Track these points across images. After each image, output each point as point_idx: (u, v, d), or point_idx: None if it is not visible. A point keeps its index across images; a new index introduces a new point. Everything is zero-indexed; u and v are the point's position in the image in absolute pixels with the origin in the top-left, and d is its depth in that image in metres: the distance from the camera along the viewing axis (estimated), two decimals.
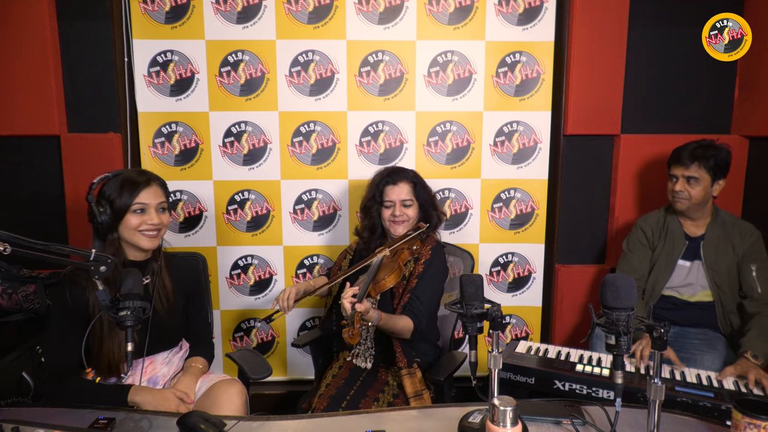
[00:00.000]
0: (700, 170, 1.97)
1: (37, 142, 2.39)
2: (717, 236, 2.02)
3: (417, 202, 1.98)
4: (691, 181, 1.98)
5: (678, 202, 2.03)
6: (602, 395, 1.56)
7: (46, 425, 1.18)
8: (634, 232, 2.20)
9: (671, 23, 2.43)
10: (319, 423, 1.29)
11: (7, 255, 1.07)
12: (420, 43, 2.44)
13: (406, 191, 1.96)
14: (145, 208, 1.55)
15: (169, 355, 1.68)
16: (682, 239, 2.07)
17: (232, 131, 2.47)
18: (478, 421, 1.18)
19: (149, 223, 1.55)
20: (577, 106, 2.43)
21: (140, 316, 1.21)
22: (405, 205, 1.95)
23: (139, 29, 2.38)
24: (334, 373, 1.88)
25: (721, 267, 2.00)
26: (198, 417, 1.20)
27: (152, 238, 1.57)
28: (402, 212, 1.95)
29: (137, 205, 1.53)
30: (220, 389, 1.57)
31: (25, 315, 2.10)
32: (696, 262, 2.05)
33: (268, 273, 2.59)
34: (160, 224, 1.58)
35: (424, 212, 2.00)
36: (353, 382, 1.80)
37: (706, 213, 2.06)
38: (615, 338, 1.06)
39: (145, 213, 1.55)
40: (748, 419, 1.02)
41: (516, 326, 2.70)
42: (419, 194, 1.99)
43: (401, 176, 1.98)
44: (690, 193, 1.98)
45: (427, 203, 2.00)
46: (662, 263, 2.08)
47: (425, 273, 1.90)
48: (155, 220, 1.56)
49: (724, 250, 2.00)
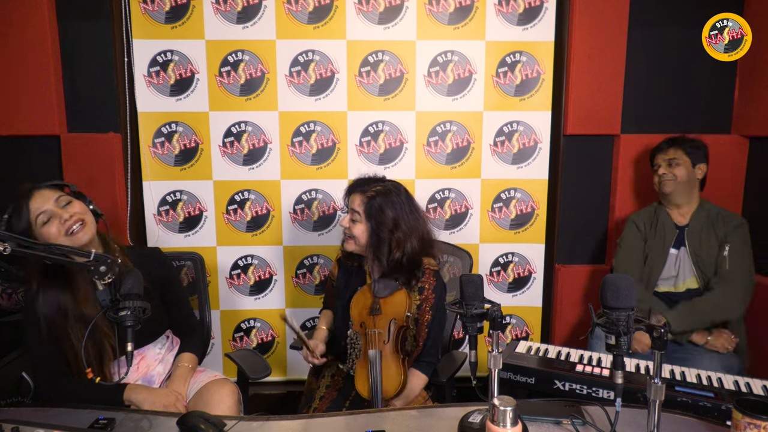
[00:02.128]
0: (678, 151, 2.10)
1: (37, 142, 2.39)
2: (701, 224, 2.10)
3: (368, 223, 1.64)
4: (672, 163, 2.10)
5: (664, 185, 2.11)
6: (602, 395, 1.56)
7: (46, 425, 1.17)
8: (627, 227, 2.26)
9: (671, 23, 2.43)
10: (319, 423, 1.29)
11: (7, 255, 1.07)
12: (420, 43, 2.44)
13: (357, 203, 1.66)
14: (47, 213, 1.43)
15: (161, 351, 1.66)
16: (672, 228, 2.14)
17: (232, 131, 2.47)
18: (478, 421, 1.18)
19: (61, 222, 1.44)
20: (577, 106, 2.43)
21: (140, 316, 1.21)
22: (352, 219, 1.68)
23: (139, 29, 2.38)
24: (327, 383, 1.77)
25: (704, 254, 2.07)
26: (198, 417, 1.20)
27: (78, 231, 1.45)
28: (347, 224, 1.68)
29: (39, 216, 1.42)
30: (211, 390, 1.56)
31: None
32: (682, 249, 2.12)
33: (268, 273, 2.59)
34: (75, 215, 1.46)
35: (376, 237, 1.64)
36: (348, 392, 1.71)
37: (692, 201, 2.14)
38: (615, 338, 1.06)
39: (52, 219, 1.44)
40: (748, 419, 1.02)
41: (516, 326, 2.70)
42: (372, 215, 1.63)
43: (360, 187, 1.70)
44: (674, 173, 2.08)
45: (381, 226, 1.63)
46: (655, 253, 2.14)
47: (437, 304, 1.69)
48: (64, 215, 1.44)
49: (708, 236, 2.08)
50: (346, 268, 1.84)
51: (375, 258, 1.67)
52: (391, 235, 1.64)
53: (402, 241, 1.65)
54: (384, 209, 1.63)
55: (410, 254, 1.66)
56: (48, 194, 1.46)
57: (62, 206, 1.46)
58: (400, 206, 1.67)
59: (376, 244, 1.65)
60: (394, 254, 1.65)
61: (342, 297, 1.81)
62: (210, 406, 1.51)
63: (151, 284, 1.62)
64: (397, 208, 1.66)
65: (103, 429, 1.20)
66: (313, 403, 1.70)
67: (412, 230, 1.68)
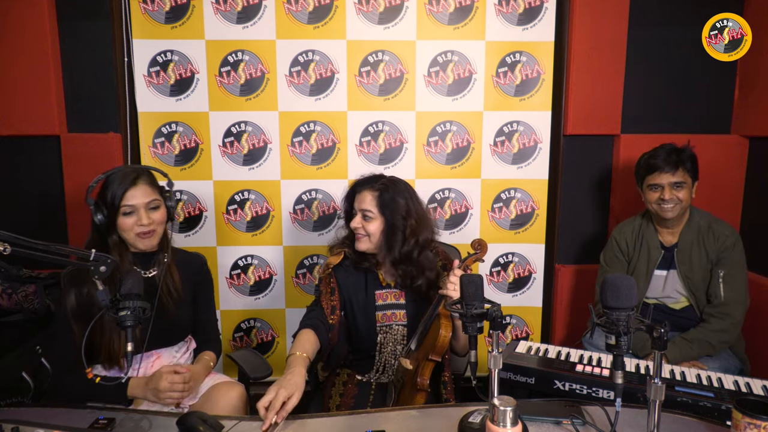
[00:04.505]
0: (685, 175, 1.94)
1: (37, 142, 2.39)
2: (691, 242, 1.98)
3: (382, 217, 1.65)
4: (677, 186, 1.93)
5: (666, 212, 1.95)
6: (602, 395, 1.56)
7: (46, 425, 1.17)
8: (609, 244, 2.17)
9: (671, 23, 2.43)
10: (319, 423, 1.29)
11: (7, 255, 1.07)
12: (420, 43, 2.44)
13: (368, 201, 1.66)
14: (133, 209, 1.52)
15: (176, 354, 1.67)
16: (657, 249, 2.04)
17: (232, 131, 2.47)
18: (478, 421, 1.18)
19: (140, 224, 1.52)
20: (577, 106, 2.43)
21: (140, 316, 1.21)
22: (365, 217, 1.66)
23: (139, 29, 2.38)
24: (339, 391, 1.72)
25: (695, 275, 1.97)
26: (197, 418, 1.20)
27: (147, 238, 1.55)
28: (360, 224, 1.66)
29: (124, 207, 1.50)
30: (220, 391, 1.57)
31: (25, 315, 2.11)
32: (672, 272, 2.02)
33: (268, 273, 2.59)
34: (151, 224, 1.54)
35: (390, 226, 1.65)
36: (365, 397, 1.68)
37: (684, 218, 2.02)
38: (615, 338, 1.06)
39: (134, 215, 1.52)
40: (748, 419, 1.02)
41: (516, 326, 2.70)
42: (386, 207, 1.65)
43: (368, 184, 1.69)
44: (679, 198, 1.93)
45: (395, 215, 1.64)
46: (639, 274, 2.05)
47: None
48: (144, 220, 1.52)
49: (699, 256, 1.97)
50: (350, 272, 1.77)
51: (387, 247, 1.65)
52: (405, 222, 1.64)
53: (415, 228, 1.66)
54: (396, 198, 1.65)
55: (422, 245, 1.66)
56: (146, 191, 1.54)
57: (149, 209, 1.54)
58: (408, 194, 1.69)
59: (391, 233, 1.64)
60: (409, 242, 1.65)
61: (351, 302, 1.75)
62: (218, 407, 1.51)
63: (188, 286, 1.67)
64: (406, 196, 1.68)
65: (103, 429, 1.20)
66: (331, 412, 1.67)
67: (423, 218, 1.69)
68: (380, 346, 1.73)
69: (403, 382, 1.62)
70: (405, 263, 1.67)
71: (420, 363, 1.57)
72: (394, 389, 1.65)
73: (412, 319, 1.73)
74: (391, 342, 1.73)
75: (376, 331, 1.73)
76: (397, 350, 1.73)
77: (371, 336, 1.73)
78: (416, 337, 1.63)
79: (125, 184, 1.51)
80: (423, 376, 1.55)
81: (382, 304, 1.74)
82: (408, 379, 1.60)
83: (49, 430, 1.16)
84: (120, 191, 1.50)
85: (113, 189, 1.50)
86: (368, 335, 1.74)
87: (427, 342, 1.59)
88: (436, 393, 1.67)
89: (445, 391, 1.67)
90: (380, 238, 1.66)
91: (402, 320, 1.74)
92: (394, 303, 1.74)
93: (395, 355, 1.73)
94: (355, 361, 1.80)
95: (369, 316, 1.73)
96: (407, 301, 1.74)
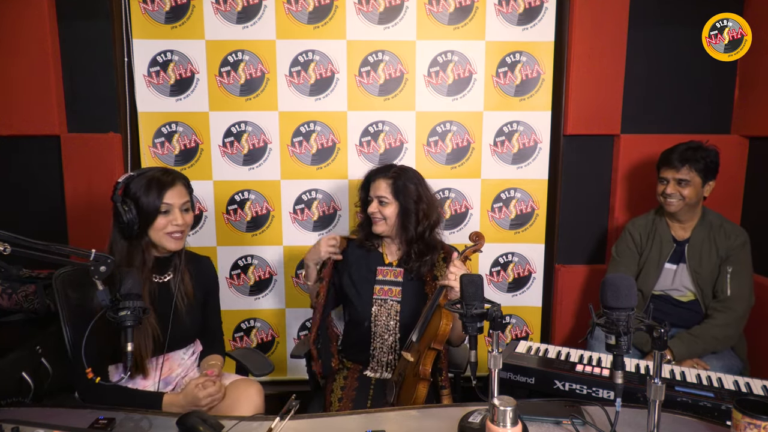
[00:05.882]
0: (691, 172, 1.96)
1: (37, 142, 2.39)
2: (702, 239, 2.02)
3: (397, 201, 1.83)
4: (682, 183, 1.97)
5: (669, 205, 2.01)
6: (602, 395, 1.56)
7: (46, 425, 1.17)
8: (623, 236, 2.20)
9: (671, 23, 2.43)
10: (318, 423, 1.29)
11: (7, 255, 1.07)
12: (420, 43, 2.44)
13: (383, 188, 1.84)
14: (170, 209, 1.53)
15: (185, 355, 1.68)
16: (669, 242, 2.07)
17: (232, 131, 2.47)
18: (478, 421, 1.18)
19: (174, 224, 1.53)
20: (577, 106, 2.43)
21: (140, 316, 1.21)
22: (381, 202, 1.84)
23: (139, 29, 2.37)
24: (341, 384, 1.82)
25: (704, 270, 2.00)
26: (197, 418, 1.20)
27: (177, 239, 1.56)
28: (376, 209, 1.84)
29: (163, 206, 1.51)
30: (239, 389, 1.58)
31: (25, 315, 2.11)
32: (681, 265, 2.05)
33: (268, 273, 2.59)
34: (184, 225, 1.56)
35: (404, 210, 1.83)
36: (366, 391, 1.77)
37: (695, 215, 2.06)
38: (615, 338, 1.06)
39: (169, 214, 1.53)
40: (748, 419, 1.02)
41: (516, 326, 2.70)
42: (399, 192, 1.83)
43: (382, 173, 1.87)
44: (682, 194, 1.97)
45: (408, 200, 1.82)
46: (650, 267, 2.08)
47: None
48: (179, 220, 1.54)
49: (709, 252, 2.01)
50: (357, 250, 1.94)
51: (403, 228, 1.83)
52: (417, 206, 1.83)
53: (427, 212, 1.84)
54: (407, 185, 1.84)
55: (432, 226, 1.85)
56: (182, 192, 1.57)
57: (183, 210, 1.57)
58: (417, 180, 1.87)
59: (405, 216, 1.82)
60: (423, 224, 1.83)
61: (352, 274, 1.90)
62: (239, 405, 1.52)
63: (199, 289, 1.69)
64: (416, 182, 1.86)
65: (103, 429, 1.21)
66: (332, 407, 1.73)
67: (432, 202, 1.88)
68: (375, 317, 1.85)
69: (404, 377, 1.68)
70: (418, 242, 1.84)
71: (422, 353, 1.66)
72: (396, 385, 1.69)
73: (406, 296, 1.86)
74: (384, 315, 1.85)
75: (371, 302, 1.86)
76: (389, 325, 1.85)
77: (367, 307, 1.86)
78: (418, 329, 1.71)
79: (167, 183, 1.52)
80: (425, 365, 1.64)
81: (382, 279, 1.89)
82: (410, 371, 1.67)
83: (49, 430, 1.16)
84: (162, 189, 1.51)
85: (155, 187, 1.50)
86: (365, 305, 1.87)
87: (428, 332, 1.67)
88: (433, 381, 1.74)
89: (441, 378, 1.75)
90: (396, 221, 1.84)
91: (396, 296, 1.87)
92: (392, 280, 1.89)
93: (388, 330, 1.84)
94: (350, 347, 1.92)
95: (368, 287, 1.88)
96: (404, 280, 1.88)
